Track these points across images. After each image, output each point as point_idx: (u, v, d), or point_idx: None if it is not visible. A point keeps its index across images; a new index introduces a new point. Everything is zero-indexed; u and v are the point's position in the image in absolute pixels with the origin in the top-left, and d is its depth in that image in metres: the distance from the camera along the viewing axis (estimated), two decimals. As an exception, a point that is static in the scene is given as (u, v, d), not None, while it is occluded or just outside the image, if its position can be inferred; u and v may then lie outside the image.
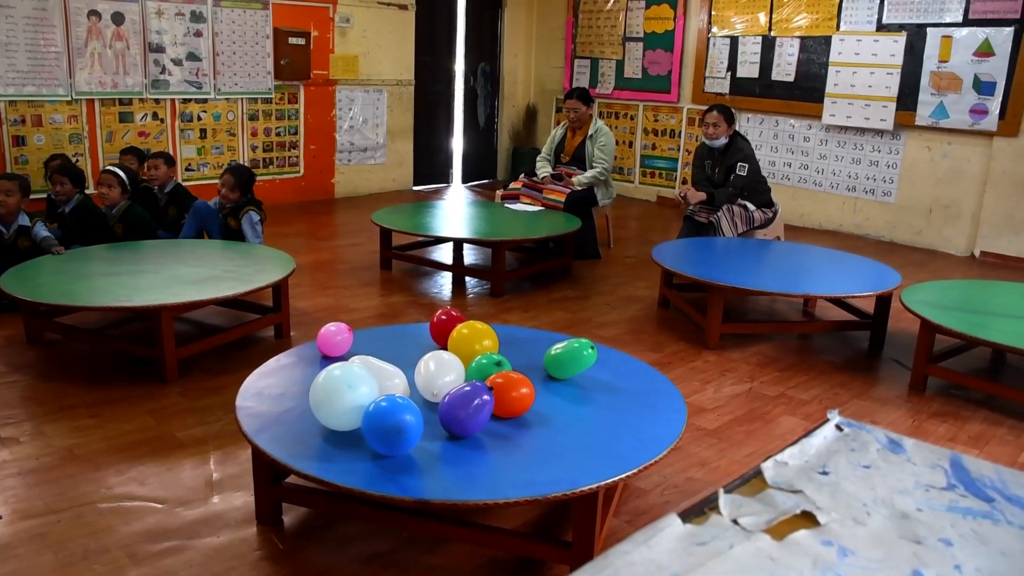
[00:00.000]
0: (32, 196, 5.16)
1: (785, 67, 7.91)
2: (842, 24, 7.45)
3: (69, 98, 6.55)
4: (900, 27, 7.10)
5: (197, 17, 7.16)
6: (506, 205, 6.31)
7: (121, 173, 4.97)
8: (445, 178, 9.86)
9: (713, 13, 8.41)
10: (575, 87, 7.25)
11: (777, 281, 4.54)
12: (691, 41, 8.65)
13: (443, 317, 3.12)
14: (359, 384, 2.37)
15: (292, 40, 7.72)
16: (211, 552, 2.46)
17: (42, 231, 4.67)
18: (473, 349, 2.82)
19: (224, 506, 2.72)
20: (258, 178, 7.76)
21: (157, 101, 7.07)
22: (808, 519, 1.22)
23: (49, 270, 4.16)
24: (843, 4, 7.42)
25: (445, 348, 2.92)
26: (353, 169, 8.66)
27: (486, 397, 2.38)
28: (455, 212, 6.29)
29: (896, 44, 7.11)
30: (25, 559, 2.40)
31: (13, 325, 4.27)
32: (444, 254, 6.18)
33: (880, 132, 7.36)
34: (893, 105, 7.17)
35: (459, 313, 3.16)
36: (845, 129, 7.59)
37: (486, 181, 10.17)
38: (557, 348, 2.87)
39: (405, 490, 2.12)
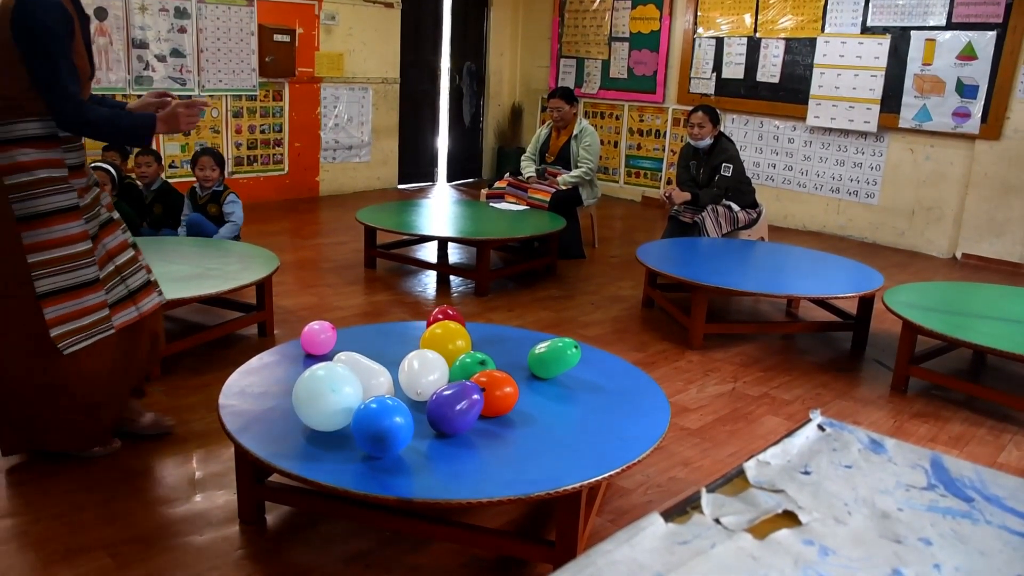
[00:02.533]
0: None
1: (770, 68, 7.94)
2: (827, 26, 7.49)
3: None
4: (884, 30, 7.14)
5: (181, 13, 7.12)
6: (491, 204, 6.31)
7: (112, 171, 4.95)
8: (430, 177, 9.84)
9: (699, 14, 8.44)
10: (559, 87, 7.26)
11: (761, 282, 4.56)
12: (677, 42, 8.68)
13: (439, 316, 3.11)
14: (342, 385, 2.36)
15: (277, 37, 7.68)
16: (193, 551, 2.45)
17: None
18: (447, 349, 2.81)
19: (207, 505, 2.71)
20: (242, 175, 7.78)
21: (140, 97, 7.01)
22: (790, 518, 1.22)
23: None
24: (828, 6, 7.46)
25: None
26: (338, 167, 8.64)
27: (476, 397, 2.38)
28: (440, 211, 6.28)
29: (880, 47, 7.15)
30: (6, 558, 2.38)
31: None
32: (429, 253, 6.17)
33: (864, 134, 7.41)
34: (877, 107, 7.21)
35: (455, 311, 3.15)
36: (829, 131, 7.64)
37: (471, 180, 10.16)
38: (541, 347, 2.87)
39: (388, 489, 2.12)
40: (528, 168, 6.57)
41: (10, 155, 2.62)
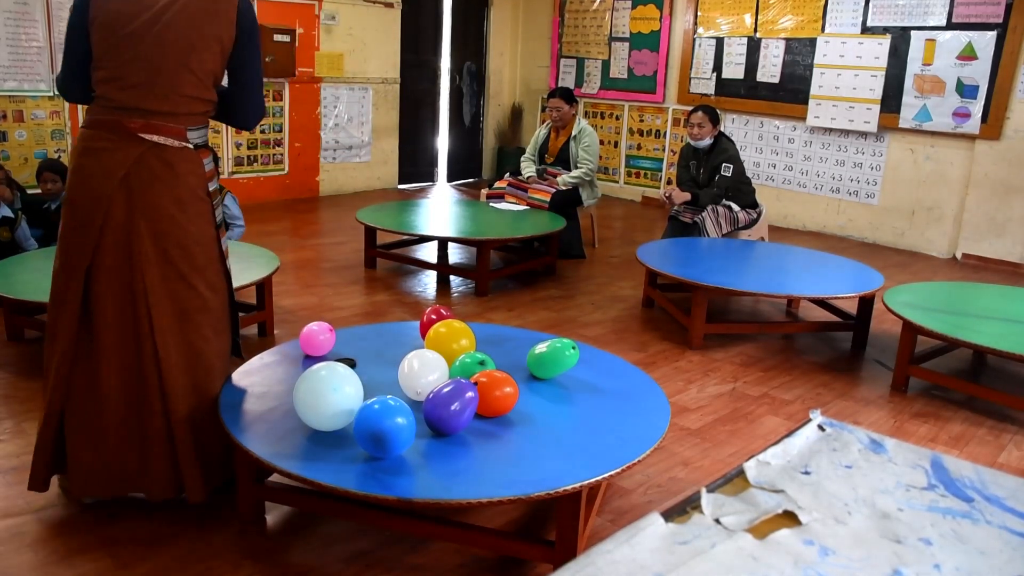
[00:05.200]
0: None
1: (770, 68, 7.94)
2: (827, 26, 7.49)
3: (51, 93, 6.50)
4: (884, 30, 7.14)
5: (181, 13, 7.11)
6: (491, 204, 6.31)
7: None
8: (430, 177, 9.84)
9: (699, 14, 8.44)
10: (559, 87, 7.26)
11: (761, 282, 4.55)
12: (677, 42, 8.68)
13: (432, 316, 3.12)
14: (343, 385, 2.37)
15: (277, 37, 7.68)
16: (193, 551, 2.45)
17: (27, 236, 4.70)
18: (451, 348, 2.81)
19: (207, 505, 2.71)
20: (242, 175, 7.78)
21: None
22: (790, 518, 1.22)
23: (30, 267, 4.12)
24: (828, 6, 7.46)
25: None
26: (338, 167, 8.64)
27: (470, 394, 2.38)
28: (440, 211, 6.28)
29: (880, 47, 7.15)
30: (5, 558, 2.38)
31: (-7, 322, 4.24)
32: (429, 253, 6.17)
33: (864, 134, 7.40)
34: (877, 107, 7.21)
35: (448, 312, 3.15)
36: (829, 131, 7.63)
37: (471, 180, 10.16)
38: (540, 348, 2.87)
39: (388, 489, 2.12)
40: (528, 168, 6.57)
41: (207, 161, 2.58)
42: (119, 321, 2.49)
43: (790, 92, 7.81)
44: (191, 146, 2.52)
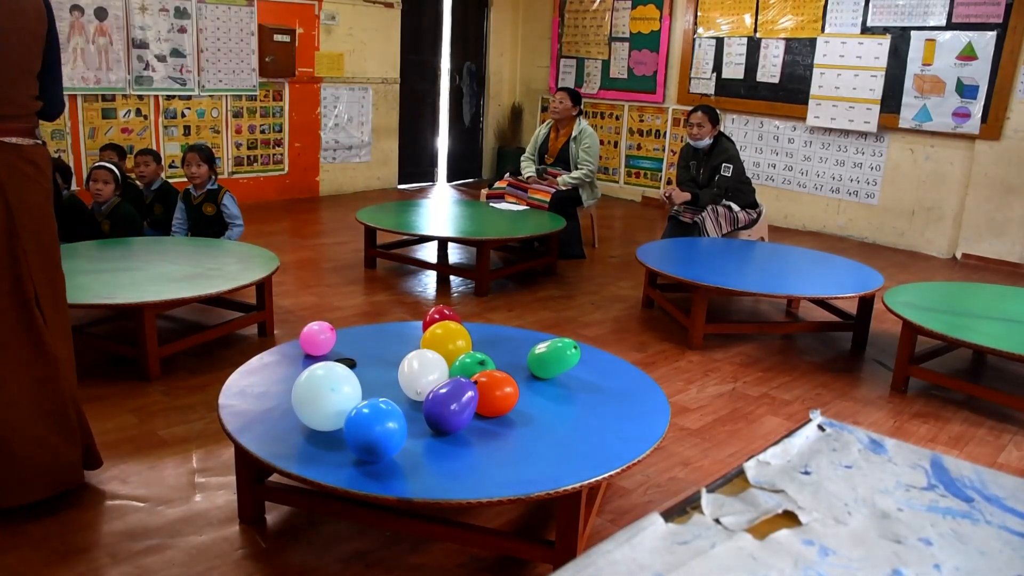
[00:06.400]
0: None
1: (770, 68, 7.94)
2: (827, 26, 7.49)
3: None
4: (884, 30, 7.14)
5: (181, 13, 7.11)
6: (491, 204, 6.31)
7: (116, 170, 4.92)
8: (430, 177, 9.85)
9: (699, 14, 8.44)
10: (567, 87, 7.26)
11: (761, 282, 4.55)
12: (677, 42, 8.68)
13: (436, 316, 3.11)
14: (341, 385, 2.36)
15: (277, 37, 7.68)
16: (193, 551, 2.45)
17: None
18: (447, 349, 2.81)
19: (207, 505, 2.71)
20: (242, 175, 7.78)
21: (140, 97, 7.02)
22: (790, 518, 1.22)
23: None
24: (828, 6, 7.46)
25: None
26: (338, 167, 8.64)
27: (471, 393, 2.38)
28: (440, 211, 6.28)
29: (880, 47, 7.15)
30: (4, 558, 2.38)
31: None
32: (429, 253, 6.17)
33: (864, 134, 7.40)
34: (877, 107, 7.21)
35: (452, 311, 3.15)
36: (829, 131, 7.64)
37: (471, 180, 10.16)
38: (541, 348, 2.86)
39: (388, 489, 2.12)
40: (528, 168, 6.57)
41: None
42: (9, 328, 2.49)
43: (790, 92, 7.81)
44: (41, 142, 2.58)
